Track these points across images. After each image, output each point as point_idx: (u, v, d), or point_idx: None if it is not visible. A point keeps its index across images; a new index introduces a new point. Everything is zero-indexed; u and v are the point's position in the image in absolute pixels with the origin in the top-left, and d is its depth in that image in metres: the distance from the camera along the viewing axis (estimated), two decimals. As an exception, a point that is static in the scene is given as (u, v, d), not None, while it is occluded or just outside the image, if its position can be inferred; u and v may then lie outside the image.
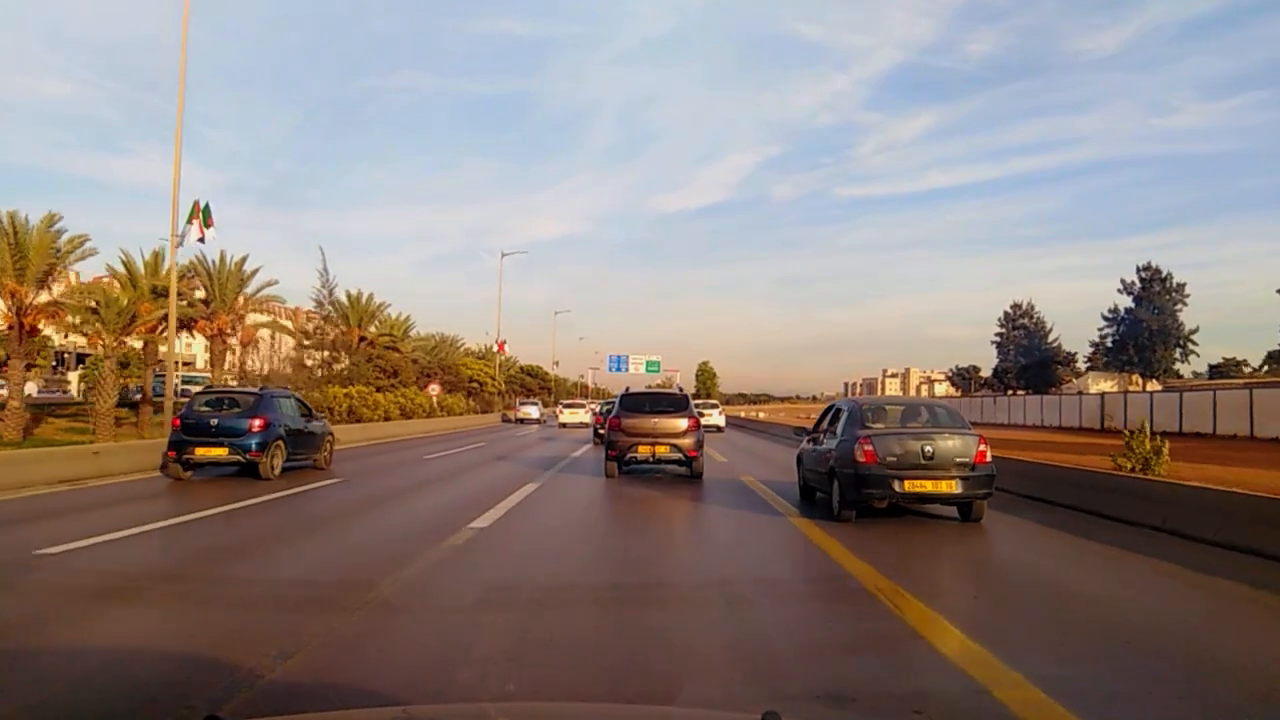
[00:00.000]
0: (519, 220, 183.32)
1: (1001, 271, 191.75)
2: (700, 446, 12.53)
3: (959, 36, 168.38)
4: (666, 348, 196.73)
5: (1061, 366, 67.75)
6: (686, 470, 12.70)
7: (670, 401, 13.17)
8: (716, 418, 31.82)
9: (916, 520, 8.83)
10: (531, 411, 42.08)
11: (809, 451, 10.08)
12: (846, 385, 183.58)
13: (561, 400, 49.60)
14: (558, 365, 78.15)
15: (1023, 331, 69.32)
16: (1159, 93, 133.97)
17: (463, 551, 6.84)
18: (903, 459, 8.10)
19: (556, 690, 3.53)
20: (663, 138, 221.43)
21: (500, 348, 53.19)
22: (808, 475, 10.12)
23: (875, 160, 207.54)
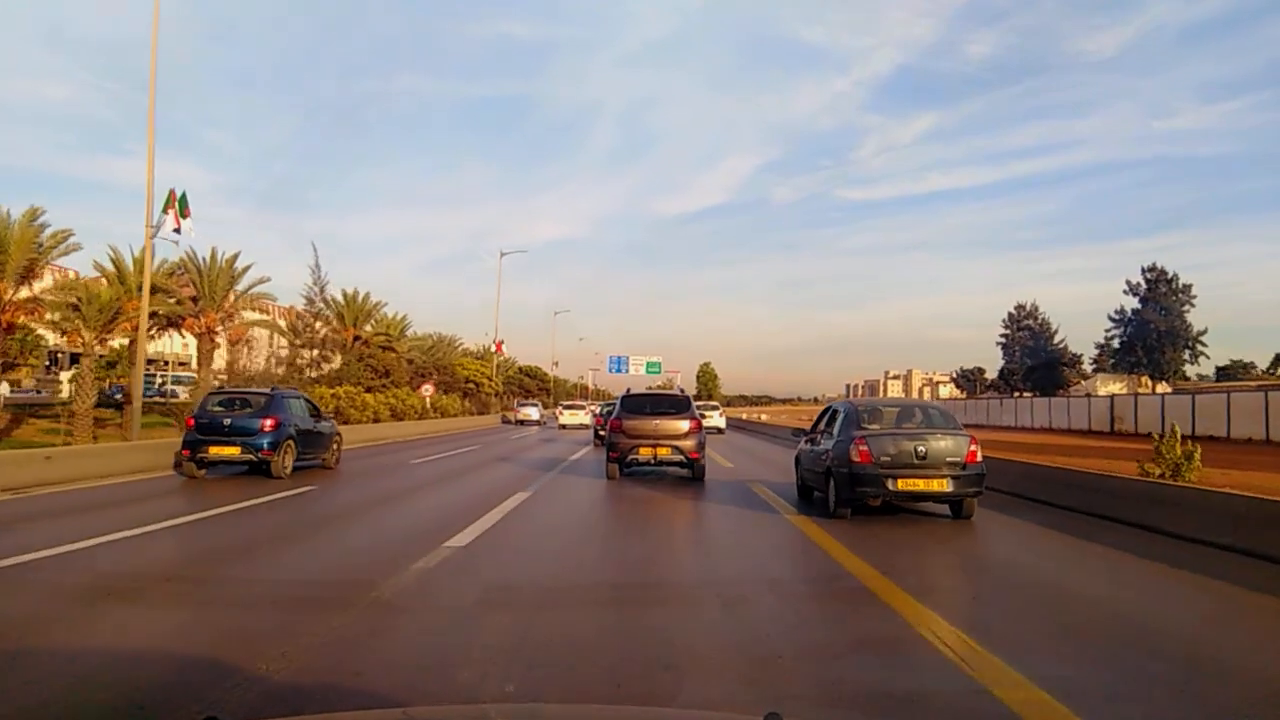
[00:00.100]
0: (519, 222, 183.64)
1: (1002, 274, 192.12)
2: (702, 448, 12.54)
3: (959, 38, 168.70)
4: (667, 349, 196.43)
5: (1067, 368, 67.06)
6: (688, 472, 12.71)
7: (672, 403, 13.17)
8: (717, 419, 32.14)
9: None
10: (531, 413, 42.02)
11: (806, 452, 10.32)
12: (848, 387, 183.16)
13: (561, 401, 49.56)
14: (557, 366, 77.67)
15: (1028, 333, 68.76)
16: (1160, 94, 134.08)
17: (428, 579, 5.72)
18: (896, 459, 8.30)
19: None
20: (663, 140, 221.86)
21: (498, 348, 52.34)
22: (805, 475, 10.35)
23: (875, 163, 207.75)
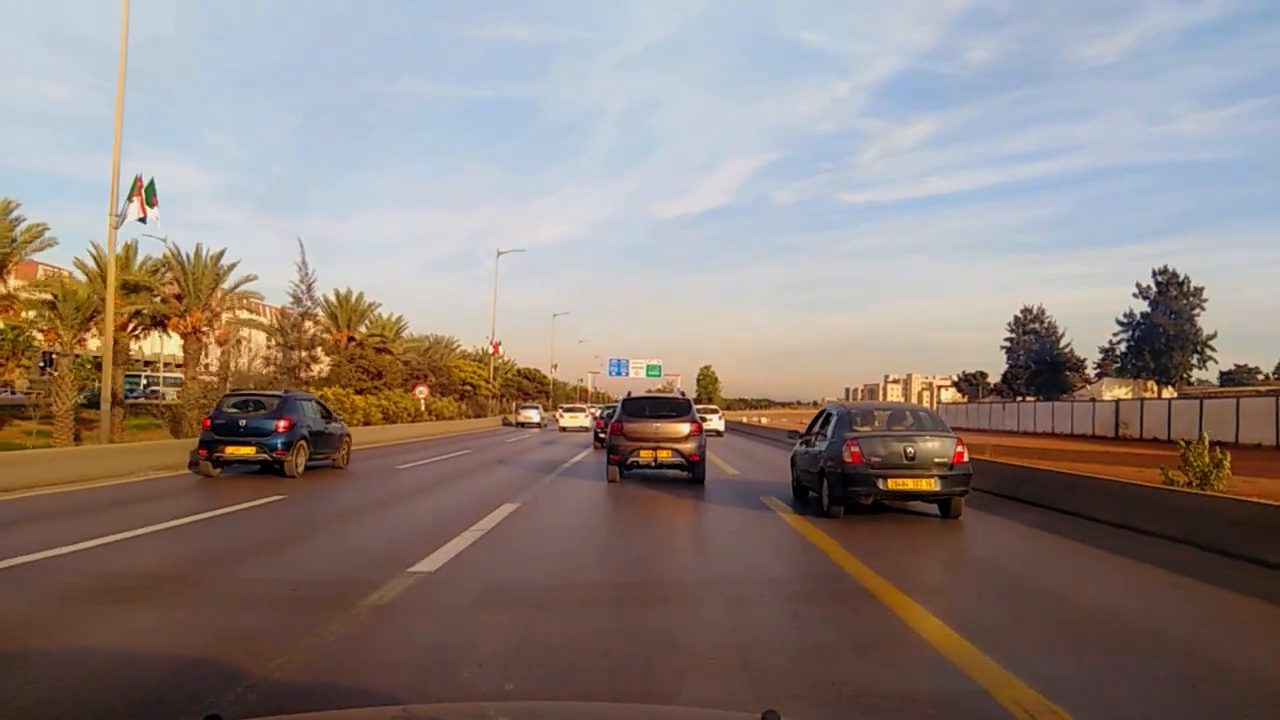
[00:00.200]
0: (520, 225, 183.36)
1: (1002, 278, 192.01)
2: (703, 451, 12.72)
3: (959, 43, 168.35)
4: (667, 352, 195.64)
5: (1072, 373, 66.51)
6: (689, 475, 12.90)
7: (673, 406, 13.32)
8: (716, 422, 32.66)
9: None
10: (532, 416, 42.81)
11: (802, 453, 10.74)
12: (848, 391, 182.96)
13: (561, 405, 49.90)
14: (556, 369, 77.21)
15: (1033, 336, 68.27)
16: (1159, 100, 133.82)
17: (381, 617, 4.69)
18: (886, 459, 8.67)
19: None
20: (664, 143, 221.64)
21: (495, 349, 51.74)
22: (801, 476, 10.77)
23: (876, 167, 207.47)
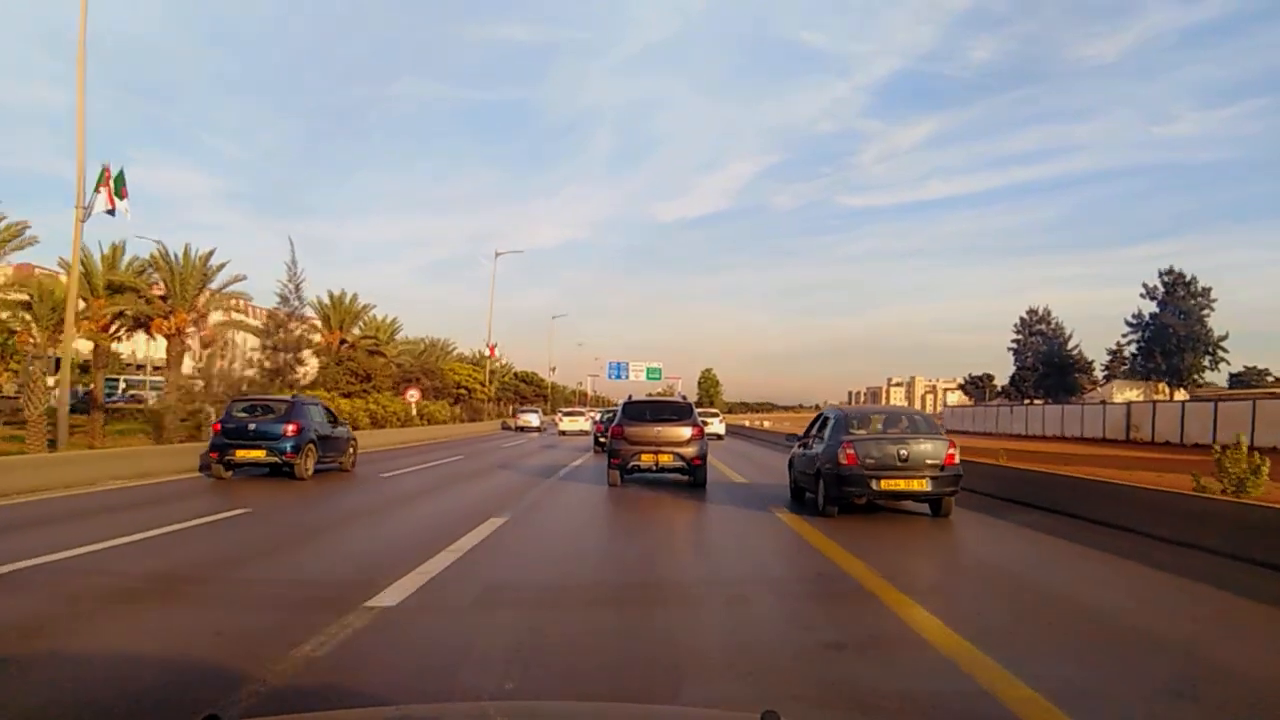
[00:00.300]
0: (519, 226, 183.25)
1: (1003, 279, 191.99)
2: (704, 455, 12.79)
3: (959, 44, 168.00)
4: (667, 355, 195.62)
5: (1081, 374, 65.67)
6: (690, 479, 12.93)
7: (674, 409, 13.35)
8: (717, 426, 32.49)
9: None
10: (531, 420, 42.72)
11: (799, 456, 11.10)
12: (850, 394, 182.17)
13: (561, 408, 49.88)
14: (554, 371, 76.46)
15: (1040, 338, 67.47)
16: (1159, 101, 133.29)
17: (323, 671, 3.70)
18: (880, 461, 9.01)
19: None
20: (663, 145, 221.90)
21: (491, 351, 50.97)
22: (798, 477, 11.11)
23: (875, 169, 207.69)
